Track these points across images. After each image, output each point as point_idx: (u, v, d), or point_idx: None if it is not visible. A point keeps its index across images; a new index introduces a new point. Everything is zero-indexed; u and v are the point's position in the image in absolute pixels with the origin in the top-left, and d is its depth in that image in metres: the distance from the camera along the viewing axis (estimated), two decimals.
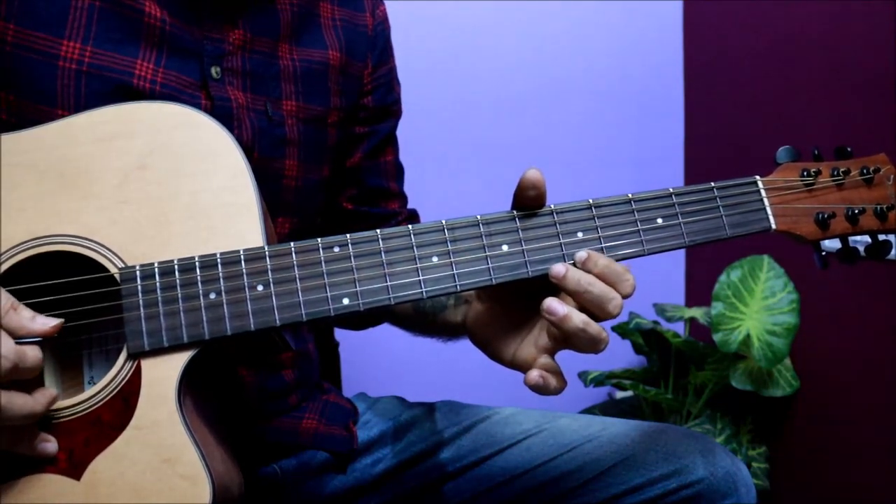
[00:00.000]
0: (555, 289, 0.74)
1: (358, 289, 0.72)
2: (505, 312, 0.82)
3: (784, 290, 1.66)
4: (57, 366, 0.75)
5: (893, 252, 0.85)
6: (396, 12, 1.10)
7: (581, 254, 0.75)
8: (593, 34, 1.94)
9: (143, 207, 0.72)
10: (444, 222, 0.75)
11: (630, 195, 0.78)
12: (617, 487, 0.90)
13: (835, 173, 0.84)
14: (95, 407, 0.69)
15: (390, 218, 1.08)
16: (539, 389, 0.74)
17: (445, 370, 1.70)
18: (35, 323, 0.66)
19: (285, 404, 0.95)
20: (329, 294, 0.72)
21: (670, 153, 2.08)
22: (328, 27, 0.97)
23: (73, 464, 0.67)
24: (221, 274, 0.71)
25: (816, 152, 0.85)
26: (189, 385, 0.71)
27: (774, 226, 0.81)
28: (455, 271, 0.74)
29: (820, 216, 0.82)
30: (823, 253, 0.84)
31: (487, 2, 1.83)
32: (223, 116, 0.83)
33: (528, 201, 0.76)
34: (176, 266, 0.71)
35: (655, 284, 2.01)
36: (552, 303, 0.72)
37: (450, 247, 0.75)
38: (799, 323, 1.63)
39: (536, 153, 1.86)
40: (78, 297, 0.71)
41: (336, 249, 0.73)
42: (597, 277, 0.73)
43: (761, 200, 0.81)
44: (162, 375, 0.69)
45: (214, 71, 0.85)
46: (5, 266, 0.70)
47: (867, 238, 0.85)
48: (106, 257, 0.71)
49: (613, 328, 1.78)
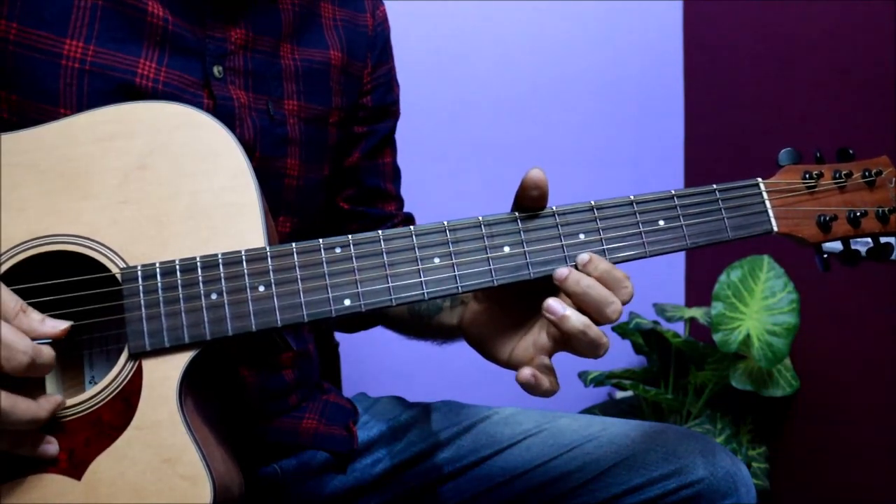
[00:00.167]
0: (554, 289, 0.74)
1: (360, 290, 0.72)
2: (504, 312, 0.81)
3: (784, 290, 1.66)
4: (58, 365, 0.74)
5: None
6: (396, 12, 1.10)
7: (583, 256, 0.75)
8: (593, 34, 1.94)
9: (144, 207, 0.71)
10: (446, 223, 0.75)
11: (632, 197, 0.78)
12: (617, 487, 0.90)
13: (837, 176, 0.84)
14: (96, 407, 0.69)
15: (386, 220, 1.08)
16: (530, 388, 0.73)
17: (445, 370, 1.70)
18: (45, 325, 0.67)
19: (285, 404, 0.95)
20: (331, 295, 0.72)
21: (670, 153, 2.08)
22: (329, 27, 0.97)
23: (74, 464, 0.67)
24: (223, 274, 0.71)
25: (818, 154, 0.85)
26: (190, 385, 0.71)
27: (776, 228, 0.81)
28: (457, 272, 0.74)
29: (822, 219, 0.82)
30: (825, 255, 0.84)
31: (487, 2, 1.83)
32: (225, 116, 0.83)
33: (531, 201, 0.76)
34: (177, 266, 0.70)
35: (655, 284, 2.02)
36: (553, 303, 0.72)
37: (451, 248, 0.74)
38: (799, 323, 1.63)
39: (536, 153, 1.86)
40: (79, 297, 0.71)
41: (338, 250, 0.73)
42: (597, 281, 0.73)
43: (763, 203, 0.81)
44: (163, 376, 0.69)
45: (217, 70, 0.84)
46: (6, 266, 0.70)
47: (868, 240, 0.85)
48: (107, 257, 0.71)
49: (614, 328, 1.78)
